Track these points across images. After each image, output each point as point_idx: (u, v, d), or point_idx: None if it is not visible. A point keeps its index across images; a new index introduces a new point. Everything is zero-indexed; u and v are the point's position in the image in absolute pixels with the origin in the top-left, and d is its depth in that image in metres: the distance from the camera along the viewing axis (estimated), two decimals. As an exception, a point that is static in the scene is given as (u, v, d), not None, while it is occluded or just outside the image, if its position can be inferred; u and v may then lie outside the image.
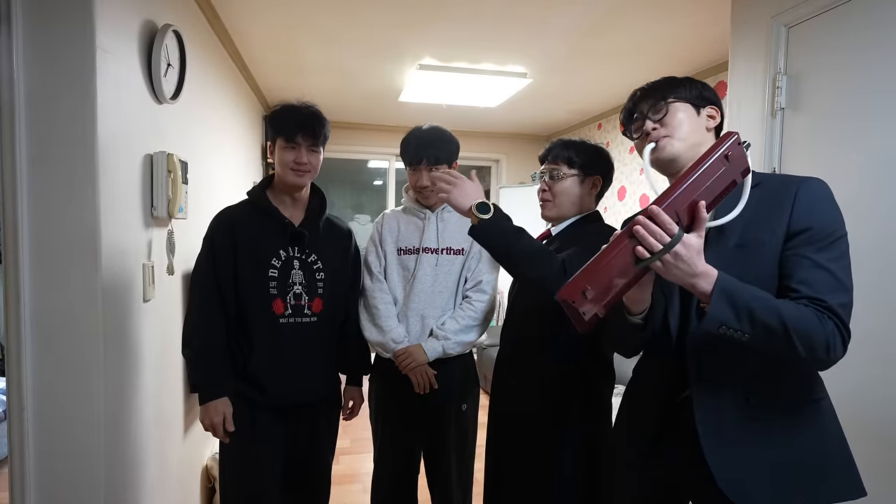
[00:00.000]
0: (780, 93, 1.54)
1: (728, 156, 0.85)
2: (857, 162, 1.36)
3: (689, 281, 0.85)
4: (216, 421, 1.43)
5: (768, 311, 0.82)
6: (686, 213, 0.85)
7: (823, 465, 0.92)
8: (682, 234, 0.83)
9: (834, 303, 0.84)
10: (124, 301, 1.37)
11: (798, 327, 0.81)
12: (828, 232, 0.88)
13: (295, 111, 1.49)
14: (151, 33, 1.50)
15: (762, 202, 0.93)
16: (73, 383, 1.20)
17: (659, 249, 0.82)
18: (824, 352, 0.83)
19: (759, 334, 0.82)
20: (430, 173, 1.62)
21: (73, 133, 1.18)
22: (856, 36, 1.37)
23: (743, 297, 0.83)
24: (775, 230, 0.91)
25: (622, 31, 2.38)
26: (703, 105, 1.04)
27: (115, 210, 1.29)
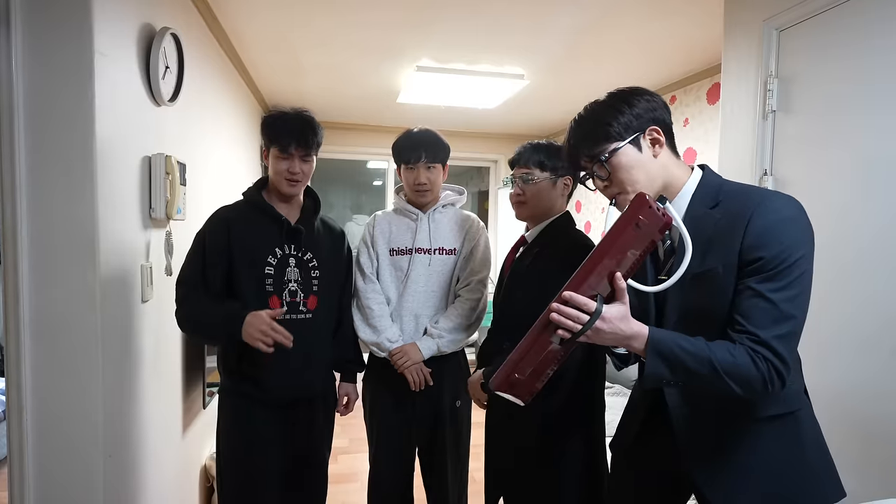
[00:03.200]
0: (771, 95, 1.55)
1: (638, 223, 0.86)
2: (848, 164, 1.38)
3: (623, 343, 0.89)
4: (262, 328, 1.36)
5: (701, 362, 0.85)
6: (605, 283, 0.87)
7: (803, 475, 0.94)
8: (600, 310, 0.86)
9: (769, 336, 0.84)
10: (122, 302, 1.38)
11: (731, 373, 0.84)
12: (779, 260, 0.85)
13: (288, 120, 1.50)
14: (149, 36, 1.52)
15: (720, 226, 0.91)
16: (72, 383, 1.22)
17: (578, 330, 0.86)
18: (762, 389, 0.85)
19: (696, 382, 0.87)
20: (427, 170, 1.65)
21: (71, 135, 1.19)
22: (846, 39, 1.38)
23: (675, 353, 0.86)
24: (728, 260, 0.89)
25: (618, 34, 2.39)
26: (642, 129, 0.96)
27: (113, 211, 1.30)
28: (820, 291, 1.42)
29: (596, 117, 0.99)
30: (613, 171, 0.96)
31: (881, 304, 1.29)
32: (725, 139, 1.75)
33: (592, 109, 1.01)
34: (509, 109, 3.80)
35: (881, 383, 1.28)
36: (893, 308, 1.27)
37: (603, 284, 0.88)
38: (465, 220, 1.77)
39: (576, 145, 1.02)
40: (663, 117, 0.99)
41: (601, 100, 1.01)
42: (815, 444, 0.97)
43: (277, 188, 1.51)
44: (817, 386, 1.42)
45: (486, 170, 5.33)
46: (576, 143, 1.02)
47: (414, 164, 1.65)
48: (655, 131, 0.97)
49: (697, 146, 2.98)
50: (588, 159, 0.99)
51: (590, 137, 0.99)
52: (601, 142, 0.97)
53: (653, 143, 0.97)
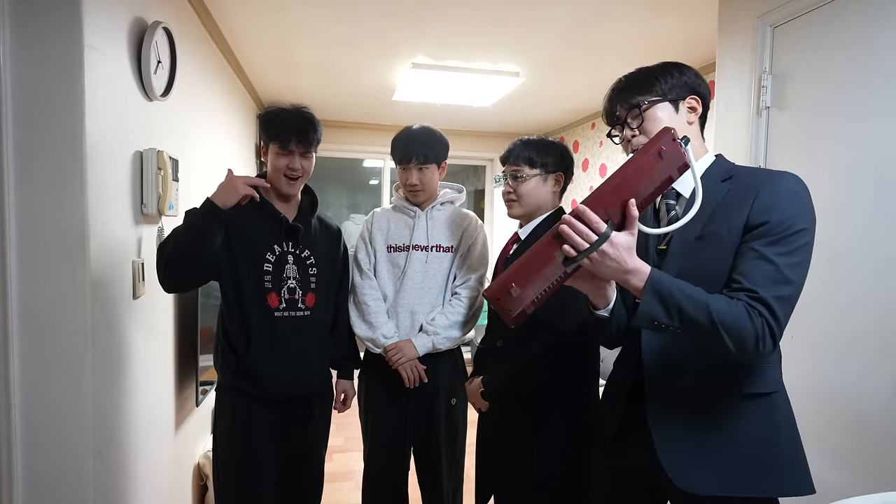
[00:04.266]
0: (765, 92, 1.55)
1: (661, 152, 0.84)
2: (841, 160, 1.38)
3: (622, 277, 0.86)
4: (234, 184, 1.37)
5: (697, 309, 0.83)
6: (618, 210, 0.85)
7: (770, 459, 0.92)
8: (609, 232, 0.83)
9: (768, 295, 0.83)
10: (113, 298, 1.37)
11: (727, 324, 0.82)
12: (784, 226, 0.86)
13: (288, 116, 1.49)
14: (141, 30, 1.51)
15: (729, 196, 0.93)
16: (61, 380, 1.21)
17: (585, 248, 0.83)
18: (754, 346, 0.83)
19: (689, 328, 0.85)
20: (419, 171, 1.65)
21: (60, 130, 1.18)
22: (840, 35, 1.38)
23: (673, 295, 0.84)
24: (733, 224, 0.90)
25: (614, 32, 2.39)
26: (683, 97, 1.01)
27: (104, 207, 1.29)
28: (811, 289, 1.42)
29: (647, 72, 1.04)
30: (646, 121, 1.00)
31: (873, 302, 1.29)
32: (720, 135, 1.75)
33: (644, 67, 1.06)
34: (505, 107, 3.80)
35: (874, 380, 1.28)
36: (884, 305, 1.27)
37: (615, 211, 0.85)
38: (462, 217, 1.77)
39: (618, 93, 1.05)
40: (705, 95, 1.03)
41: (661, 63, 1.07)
42: (789, 432, 0.96)
43: (276, 186, 1.51)
44: (811, 385, 1.43)
45: (482, 168, 5.33)
46: (618, 91, 1.05)
47: (406, 165, 1.66)
48: (695, 100, 1.01)
49: (693, 144, 2.98)
50: (625, 108, 1.02)
51: (634, 87, 1.03)
52: (644, 92, 1.01)
53: (690, 111, 1.01)
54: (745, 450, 0.92)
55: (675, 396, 0.97)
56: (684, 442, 0.95)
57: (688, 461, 0.94)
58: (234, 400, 1.50)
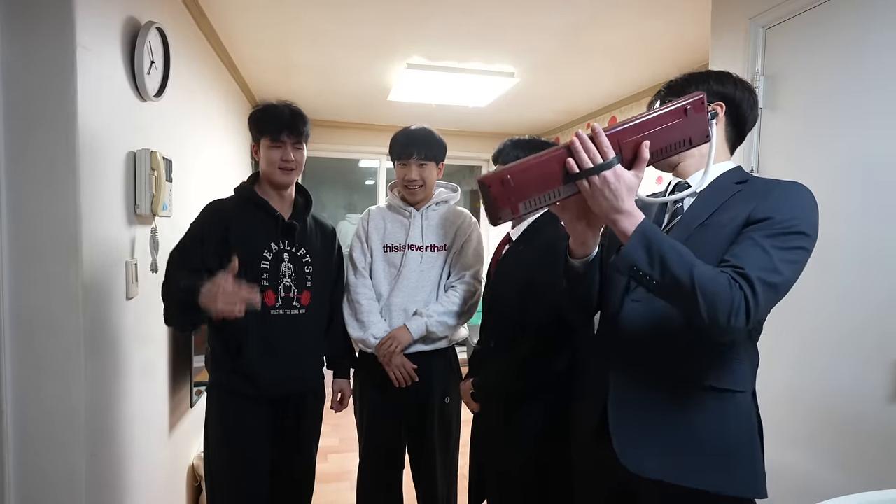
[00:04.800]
0: (757, 92, 1.56)
1: (686, 110, 0.85)
2: (832, 160, 1.39)
3: (613, 216, 0.86)
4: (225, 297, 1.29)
5: (680, 264, 0.82)
6: (631, 150, 0.85)
7: (721, 456, 0.92)
8: (616, 162, 0.84)
9: (754, 274, 0.82)
10: (106, 299, 1.37)
11: (705, 286, 0.81)
12: (786, 223, 0.86)
13: (277, 110, 1.51)
14: (134, 30, 1.50)
15: (739, 195, 0.94)
16: (54, 381, 1.20)
17: (589, 167, 0.83)
18: (725, 317, 0.81)
19: (668, 283, 0.83)
20: (419, 168, 1.65)
21: (53, 131, 1.18)
22: (831, 37, 1.39)
23: (660, 246, 0.83)
24: (736, 216, 0.91)
25: (609, 33, 2.40)
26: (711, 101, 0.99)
27: (96, 208, 1.29)
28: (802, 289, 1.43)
29: (688, 76, 1.04)
30: None
31: (864, 302, 1.30)
32: (713, 137, 1.75)
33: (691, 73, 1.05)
34: (500, 108, 3.81)
35: (865, 381, 1.29)
36: (876, 306, 1.28)
37: (629, 149, 0.85)
38: (456, 215, 1.77)
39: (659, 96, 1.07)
40: (740, 104, 1.01)
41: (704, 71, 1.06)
42: (748, 434, 0.95)
43: (271, 178, 1.52)
44: (802, 385, 1.44)
45: (477, 169, 5.33)
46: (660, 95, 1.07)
47: (406, 161, 1.66)
48: (719, 106, 0.99)
49: (687, 145, 2.99)
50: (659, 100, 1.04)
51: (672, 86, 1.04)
52: (674, 94, 1.01)
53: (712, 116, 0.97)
54: (699, 442, 0.92)
55: (637, 381, 0.98)
56: (638, 425, 0.96)
57: (640, 445, 0.95)
58: (227, 399, 1.50)
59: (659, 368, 0.97)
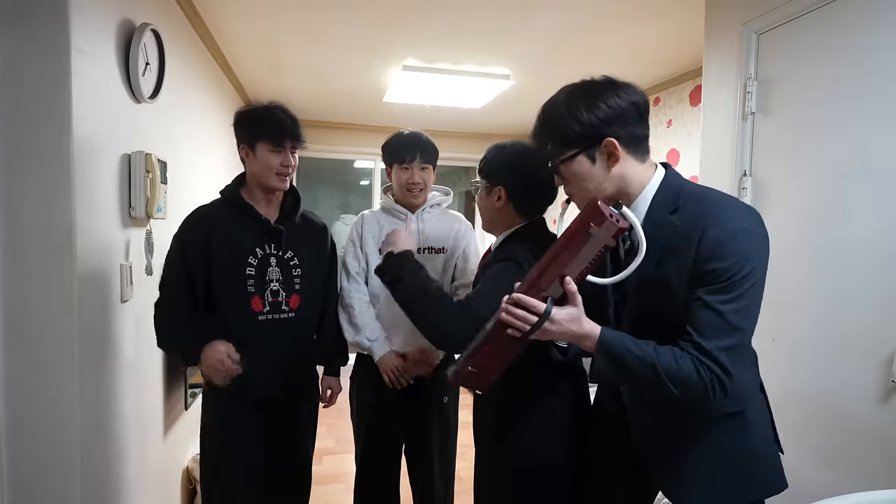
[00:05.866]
0: (750, 97, 1.58)
1: (590, 229, 0.86)
2: (824, 165, 1.40)
3: (575, 341, 0.93)
4: (218, 358, 1.37)
5: (644, 367, 0.87)
6: (558, 286, 0.90)
7: (750, 468, 0.97)
8: (550, 310, 0.89)
9: (714, 347, 0.85)
10: (101, 301, 1.36)
11: (674, 378, 0.86)
12: (730, 273, 0.85)
13: (278, 115, 1.48)
14: (129, 32, 1.50)
15: (677, 234, 0.91)
16: (49, 384, 1.20)
17: (527, 330, 0.90)
18: (703, 397, 0.87)
19: (640, 383, 0.92)
20: (422, 171, 1.66)
21: (48, 133, 1.17)
22: (823, 43, 1.41)
23: (622, 356, 0.89)
24: (682, 269, 0.89)
25: (604, 35, 2.41)
26: (594, 144, 0.93)
27: (91, 210, 1.28)
28: (794, 292, 1.45)
29: (554, 119, 0.96)
30: (567, 178, 0.99)
31: (855, 304, 1.32)
32: (706, 140, 1.77)
33: (554, 106, 0.97)
34: (495, 109, 3.82)
35: (856, 381, 1.31)
36: (866, 308, 1.29)
37: (555, 286, 0.90)
38: (452, 219, 1.78)
39: (535, 136, 1.03)
40: (626, 123, 0.93)
41: (567, 92, 0.96)
42: (762, 439, 1.00)
43: (266, 183, 1.49)
44: (794, 386, 1.45)
45: (472, 170, 5.34)
46: (535, 134, 1.03)
47: (409, 164, 1.65)
48: (611, 145, 0.92)
49: (680, 147, 3.02)
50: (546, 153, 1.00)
51: (546, 138, 0.99)
52: (557, 145, 0.97)
53: (608, 157, 0.93)
54: (730, 463, 0.96)
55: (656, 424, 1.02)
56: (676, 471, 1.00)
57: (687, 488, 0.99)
58: (220, 399, 1.49)
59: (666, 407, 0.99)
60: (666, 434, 1.00)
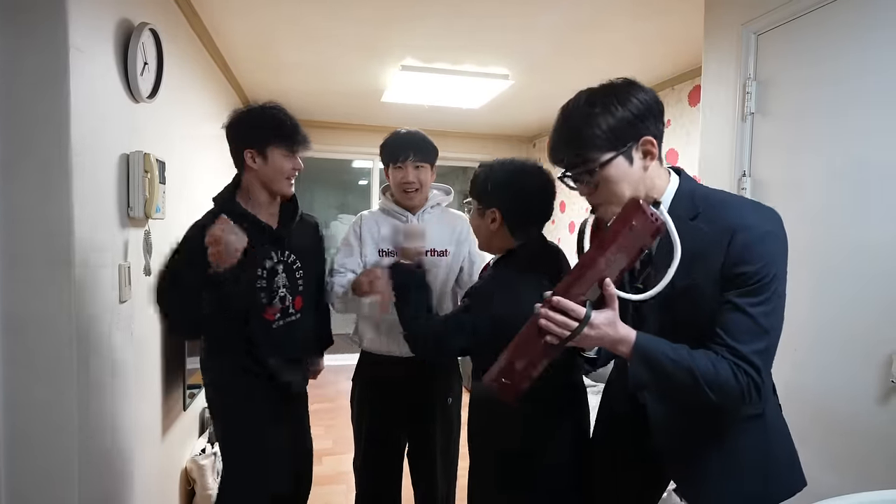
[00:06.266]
0: (749, 98, 1.58)
1: (632, 228, 0.85)
2: (824, 166, 1.40)
3: (610, 347, 0.90)
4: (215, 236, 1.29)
5: (682, 372, 0.85)
6: (596, 289, 0.87)
7: (772, 469, 0.97)
8: (589, 315, 0.85)
9: (749, 351, 0.85)
10: (99, 302, 1.35)
11: (712, 383, 0.85)
12: (759, 276, 0.85)
13: (287, 118, 1.47)
14: (127, 32, 1.49)
15: (703, 242, 0.89)
16: (46, 385, 1.19)
17: (566, 336, 0.86)
18: (739, 400, 0.86)
19: (678, 389, 0.88)
20: (416, 170, 1.63)
21: (45, 133, 1.17)
22: (822, 43, 1.41)
23: (659, 361, 0.86)
24: (710, 275, 0.88)
25: (603, 35, 2.41)
26: (635, 141, 0.90)
27: (89, 210, 1.28)
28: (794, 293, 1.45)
29: (583, 122, 0.90)
30: (601, 183, 0.91)
31: (857, 306, 1.32)
32: (705, 140, 1.77)
33: (583, 106, 0.91)
34: (494, 110, 3.81)
35: (857, 381, 1.31)
36: (866, 308, 1.30)
37: (593, 289, 0.87)
38: (454, 219, 1.76)
39: (559, 144, 0.95)
40: (657, 121, 0.92)
41: (590, 93, 0.92)
42: (782, 439, 1.00)
43: (276, 188, 1.48)
44: (796, 386, 1.45)
45: (471, 170, 5.33)
46: (560, 142, 0.94)
47: (402, 163, 1.62)
48: (650, 143, 0.90)
49: (679, 147, 3.02)
50: (576, 160, 0.92)
51: (576, 141, 0.91)
52: (590, 149, 0.89)
53: (645, 155, 0.91)
54: (751, 466, 0.96)
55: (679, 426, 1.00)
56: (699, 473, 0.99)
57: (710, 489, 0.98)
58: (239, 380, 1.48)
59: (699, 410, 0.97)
60: (689, 434, 0.99)
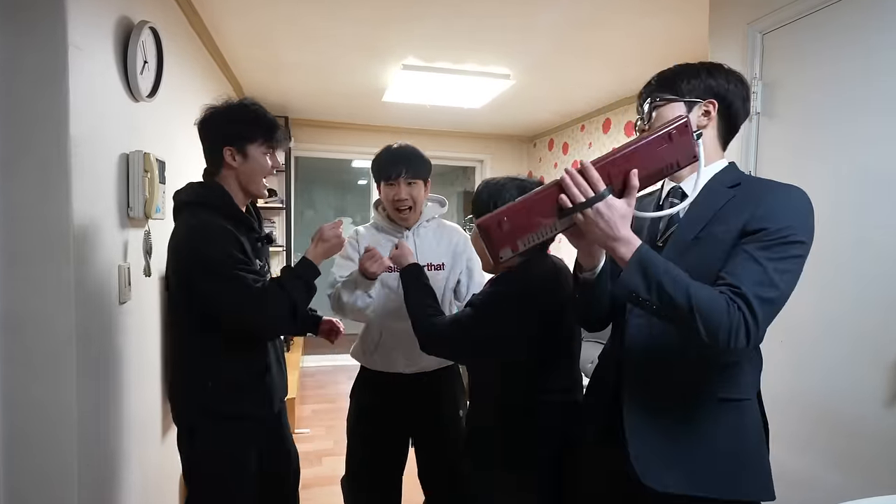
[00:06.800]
0: (755, 98, 1.57)
1: (671, 135, 0.86)
2: (831, 168, 1.39)
3: (610, 244, 0.87)
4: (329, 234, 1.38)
5: (677, 288, 0.83)
6: (620, 179, 0.87)
7: (735, 463, 0.94)
8: (607, 194, 0.86)
9: (750, 292, 0.82)
10: (99, 303, 1.34)
11: (703, 309, 0.82)
12: (780, 234, 0.85)
13: (265, 112, 1.42)
14: (127, 30, 1.47)
15: (733, 202, 0.93)
16: (45, 387, 1.17)
17: (581, 202, 0.86)
18: (725, 338, 0.83)
19: (666, 307, 0.85)
20: (408, 186, 1.58)
21: (44, 132, 1.15)
22: (828, 43, 1.40)
23: (657, 271, 0.85)
24: (731, 227, 0.90)
25: (605, 33, 2.40)
26: (701, 99, 0.97)
27: (89, 210, 1.26)
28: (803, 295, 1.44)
29: (676, 70, 1.01)
30: (655, 118, 0.99)
31: (864, 308, 1.31)
32: (710, 141, 1.76)
33: (681, 65, 1.02)
34: (496, 109, 3.80)
35: (863, 384, 1.30)
36: (873, 311, 1.29)
37: (618, 179, 0.87)
38: (450, 233, 1.73)
39: (647, 87, 1.04)
40: (733, 100, 0.98)
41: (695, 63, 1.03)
42: (756, 440, 0.97)
43: (254, 188, 1.41)
44: (800, 387, 1.44)
45: (471, 170, 5.32)
46: (648, 86, 1.04)
47: (394, 180, 1.57)
48: (711, 104, 0.97)
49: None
50: (647, 102, 1.01)
51: (659, 83, 1.01)
52: (664, 90, 0.99)
53: (703, 115, 0.97)
54: (713, 453, 0.94)
55: (652, 400, 0.98)
56: (658, 445, 0.96)
57: (660, 462, 0.95)
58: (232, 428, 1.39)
59: (667, 382, 0.98)
60: (661, 418, 0.97)
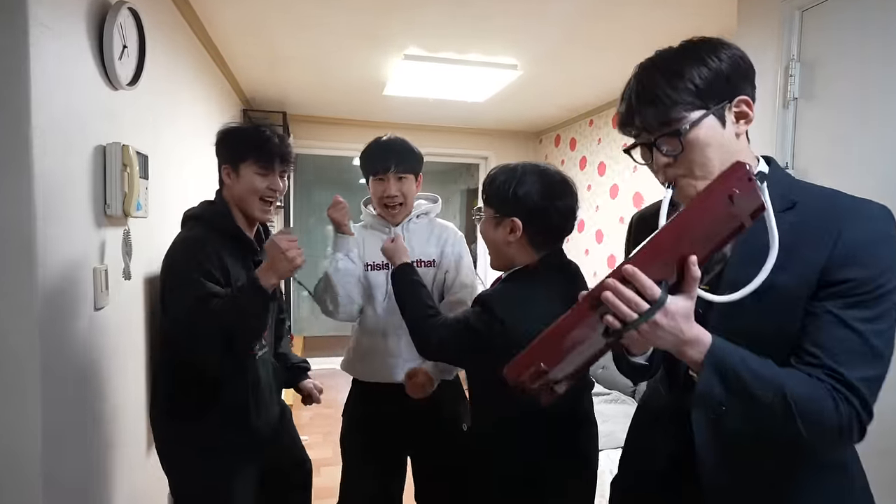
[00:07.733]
0: (793, 81, 1.44)
1: (733, 196, 0.66)
2: (877, 155, 1.26)
3: (678, 348, 0.70)
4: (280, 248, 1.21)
5: (770, 392, 0.67)
6: (674, 269, 0.68)
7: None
8: (665, 299, 0.66)
9: (856, 377, 0.67)
10: (70, 310, 1.21)
11: (805, 410, 0.67)
12: (874, 284, 0.68)
13: (263, 132, 1.38)
14: (102, 10, 1.35)
15: (795, 232, 0.72)
16: (5, 408, 1.05)
17: (634, 319, 0.66)
18: (835, 438, 0.68)
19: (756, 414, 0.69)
20: (398, 181, 1.52)
21: (1, 119, 1.02)
22: (877, 18, 1.27)
23: (737, 373, 0.68)
24: (805, 275, 0.71)
25: (620, 21, 2.27)
26: (730, 100, 0.75)
27: (57, 208, 1.14)
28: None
29: (673, 68, 0.75)
30: (687, 149, 0.74)
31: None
32: (740, 130, 1.63)
33: (664, 62, 0.77)
34: (501, 102, 3.68)
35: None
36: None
37: (670, 269, 0.67)
38: (441, 230, 1.65)
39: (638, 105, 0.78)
40: (753, 82, 0.78)
41: (680, 46, 0.78)
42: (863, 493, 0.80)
43: (248, 210, 1.39)
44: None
45: (475, 167, 5.19)
46: (638, 101, 0.78)
47: (383, 175, 1.51)
48: (745, 103, 0.76)
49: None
50: (652, 123, 0.77)
51: (662, 97, 0.75)
52: (676, 107, 0.74)
53: (738, 118, 0.76)
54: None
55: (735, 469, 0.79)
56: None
57: None
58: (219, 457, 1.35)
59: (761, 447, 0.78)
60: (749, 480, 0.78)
